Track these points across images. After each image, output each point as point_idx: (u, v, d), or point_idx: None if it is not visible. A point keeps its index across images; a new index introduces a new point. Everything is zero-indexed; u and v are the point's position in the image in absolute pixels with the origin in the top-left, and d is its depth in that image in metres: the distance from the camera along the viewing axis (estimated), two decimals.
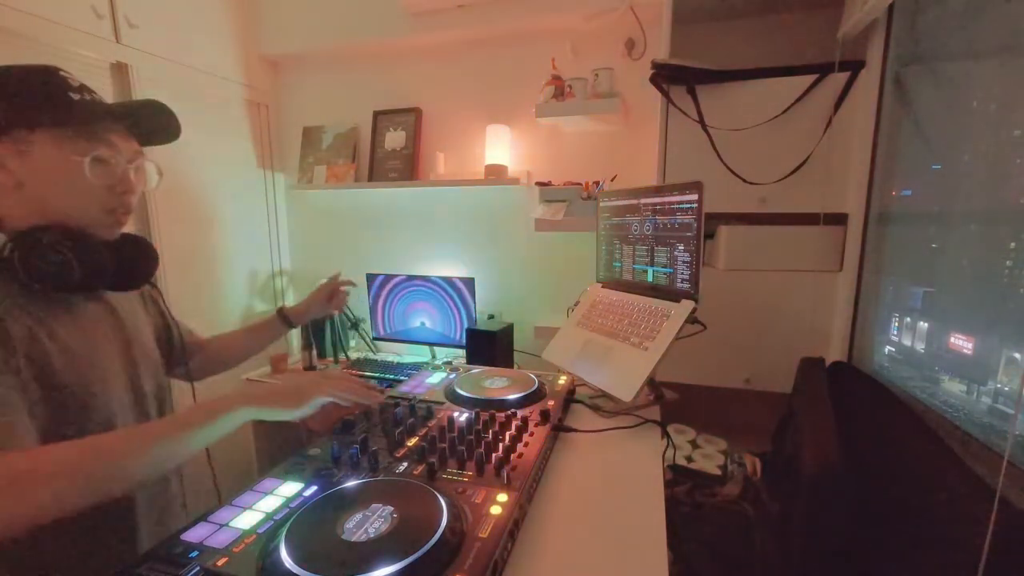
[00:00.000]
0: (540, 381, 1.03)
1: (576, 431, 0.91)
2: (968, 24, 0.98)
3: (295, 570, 0.47)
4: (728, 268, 1.32)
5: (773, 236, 1.32)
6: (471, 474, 0.67)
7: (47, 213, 0.68)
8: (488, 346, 1.69)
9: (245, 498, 0.62)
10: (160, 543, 0.53)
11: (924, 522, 0.75)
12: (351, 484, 0.63)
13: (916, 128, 1.13)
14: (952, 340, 0.92)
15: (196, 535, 0.54)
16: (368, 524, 0.54)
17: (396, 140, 2.04)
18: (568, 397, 1.03)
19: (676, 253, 1.04)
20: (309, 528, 0.54)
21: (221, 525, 0.56)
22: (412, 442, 0.77)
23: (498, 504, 0.60)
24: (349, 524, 0.54)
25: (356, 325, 2.19)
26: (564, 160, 1.90)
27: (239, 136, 2.10)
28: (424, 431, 0.81)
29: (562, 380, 1.07)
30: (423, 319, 2.05)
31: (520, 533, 0.62)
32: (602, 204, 1.29)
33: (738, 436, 1.52)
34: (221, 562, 0.50)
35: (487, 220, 2.03)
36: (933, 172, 1.07)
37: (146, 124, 0.78)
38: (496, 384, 1.02)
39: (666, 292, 1.07)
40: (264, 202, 2.24)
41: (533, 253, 1.98)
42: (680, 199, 1.02)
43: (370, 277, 2.09)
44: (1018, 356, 0.74)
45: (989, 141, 0.90)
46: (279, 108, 2.27)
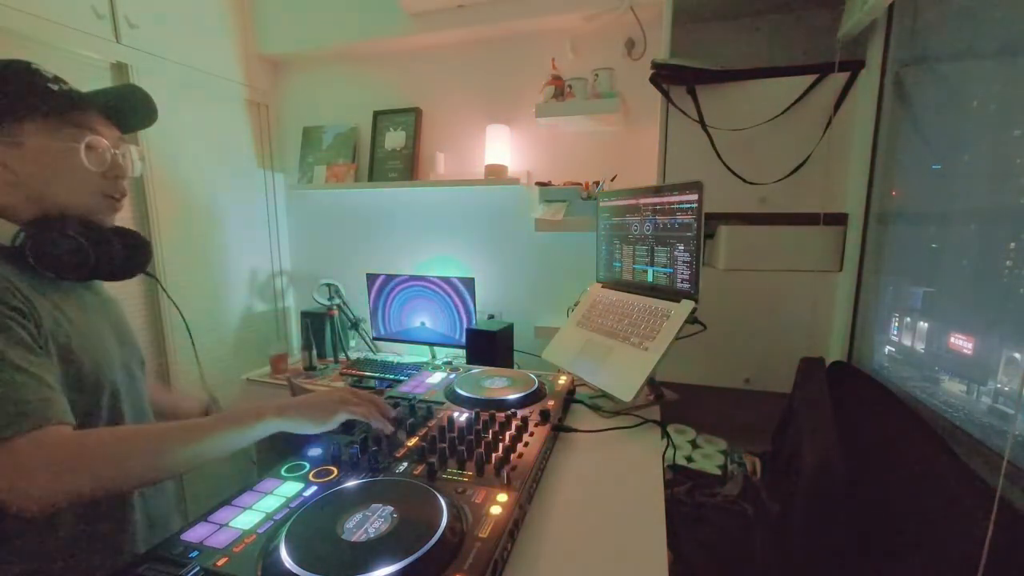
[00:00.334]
0: (540, 381, 1.03)
1: (576, 431, 0.91)
2: (968, 24, 0.98)
3: (295, 570, 0.47)
4: (728, 268, 1.32)
5: (773, 236, 1.32)
6: (471, 474, 0.67)
7: (46, 203, 0.69)
8: (488, 346, 1.69)
9: (245, 498, 0.62)
10: (160, 543, 0.53)
11: (924, 522, 0.75)
12: (351, 484, 0.63)
13: (916, 128, 1.13)
14: (952, 340, 0.92)
15: (196, 535, 0.54)
16: (368, 524, 0.54)
17: (396, 140, 2.04)
18: (568, 397, 1.02)
19: (676, 253, 1.04)
20: (309, 528, 0.54)
21: (221, 525, 0.56)
22: (412, 442, 0.77)
23: (498, 504, 0.60)
24: (349, 524, 0.54)
25: (356, 325, 2.19)
26: (564, 160, 1.90)
27: (239, 136, 2.10)
28: (424, 431, 0.81)
29: (562, 380, 1.07)
30: (423, 319, 2.05)
31: (520, 533, 0.62)
32: (602, 204, 1.29)
33: (738, 436, 1.52)
34: (221, 562, 0.50)
35: (487, 220, 2.03)
36: (933, 172, 1.07)
37: (124, 110, 0.78)
38: (496, 384, 1.02)
39: (666, 292, 1.07)
40: (264, 202, 2.24)
41: (533, 253, 1.98)
42: (680, 199, 1.02)
43: (370, 277, 2.09)
44: (1018, 356, 0.74)
45: (989, 141, 0.90)
46: (279, 108, 2.27)
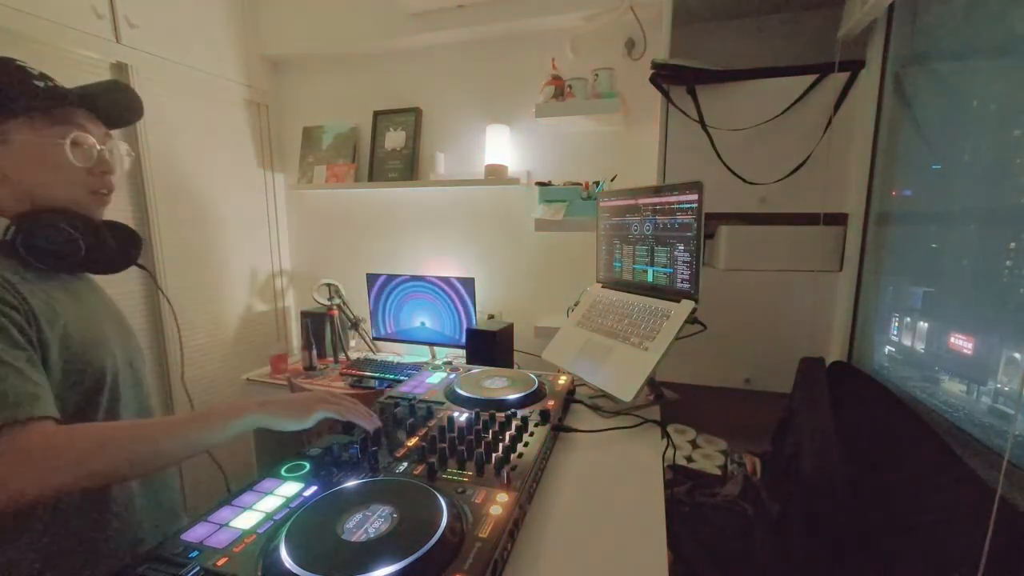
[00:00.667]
0: (540, 381, 1.03)
1: (576, 431, 0.91)
2: (968, 24, 0.98)
3: (295, 570, 0.47)
4: (728, 268, 1.32)
5: (773, 236, 1.32)
6: (471, 474, 0.67)
7: (35, 199, 0.70)
8: (488, 346, 1.69)
9: (245, 498, 0.62)
10: (160, 543, 0.53)
11: (924, 522, 0.75)
12: (351, 484, 0.63)
13: (916, 128, 1.13)
14: (952, 340, 0.92)
15: (196, 535, 0.54)
16: (368, 524, 0.54)
17: (396, 140, 2.04)
18: (568, 397, 1.02)
19: (676, 253, 1.04)
20: (309, 528, 0.54)
21: (221, 525, 0.56)
22: (412, 442, 0.77)
23: (498, 504, 0.60)
24: (349, 524, 0.54)
25: (356, 325, 2.19)
26: (564, 160, 1.90)
27: (239, 136, 2.10)
28: (424, 431, 0.81)
29: (562, 380, 1.07)
30: (423, 319, 2.05)
31: (520, 533, 0.62)
32: (602, 204, 1.29)
33: (738, 436, 1.52)
34: (221, 562, 0.50)
35: (487, 220, 2.03)
36: (933, 172, 1.07)
37: (110, 106, 0.79)
38: (496, 384, 1.02)
39: (666, 292, 1.07)
40: (264, 202, 2.24)
41: (533, 253, 1.98)
42: (680, 199, 1.02)
43: (370, 277, 2.09)
44: (1018, 356, 0.74)
45: (989, 141, 0.89)
46: (279, 108, 2.27)
